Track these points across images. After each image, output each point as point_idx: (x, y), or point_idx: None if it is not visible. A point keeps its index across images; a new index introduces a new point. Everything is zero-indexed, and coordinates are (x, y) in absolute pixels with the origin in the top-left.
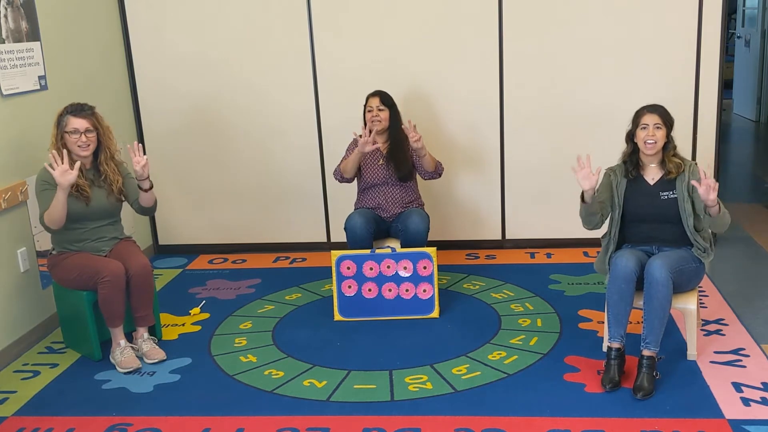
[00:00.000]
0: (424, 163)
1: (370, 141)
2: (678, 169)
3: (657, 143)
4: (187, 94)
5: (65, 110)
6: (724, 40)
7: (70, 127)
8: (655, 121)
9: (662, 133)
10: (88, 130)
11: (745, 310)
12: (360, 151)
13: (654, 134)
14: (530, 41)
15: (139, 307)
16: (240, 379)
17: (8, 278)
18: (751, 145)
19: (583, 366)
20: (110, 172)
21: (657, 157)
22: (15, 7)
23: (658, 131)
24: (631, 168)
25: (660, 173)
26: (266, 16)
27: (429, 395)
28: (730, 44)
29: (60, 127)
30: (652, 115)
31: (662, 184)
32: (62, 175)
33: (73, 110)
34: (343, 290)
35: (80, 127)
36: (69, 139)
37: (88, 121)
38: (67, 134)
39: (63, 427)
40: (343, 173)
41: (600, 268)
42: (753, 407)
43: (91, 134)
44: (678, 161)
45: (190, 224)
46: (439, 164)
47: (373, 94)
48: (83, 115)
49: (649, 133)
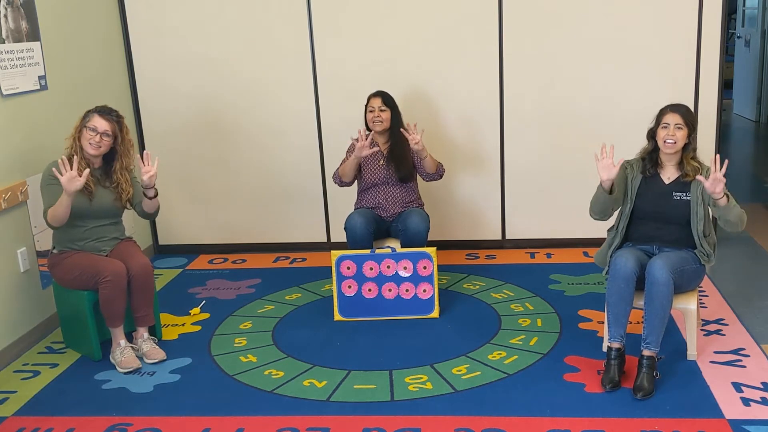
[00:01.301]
0: (425, 164)
1: (368, 145)
2: (695, 172)
3: (677, 143)
4: (187, 94)
5: (96, 108)
6: (724, 40)
7: (91, 123)
8: (677, 121)
9: (683, 134)
10: (106, 133)
11: (745, 310)
12: (357, 156)
13: (674, 134)
14: (530, 41)
15: (139, 307)
16: (240, 379)
17: (8, 278)
18: (751, 145)
19: (583, 366)
20: (123, 182)
21: (676, 157)
22: (15, 7)
23: (679, 131)
24: (649, 165)
25: (677, 174)
26: (266, 16)
27: (429, 395)
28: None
29: (83, 121)
30: (674, 114)
31: (677, 184)
32: (69, 182)
33: (101, 110)
34: (343, 290)
35: (99, 128)
36: (85, 134)
37: (109, 125)
38: (85, 129)
39: (63, 427)
40: (342, 177)
41: (600, 260)
42: (753, 407)
43: (107, 138)
44: (696, 165)
45: (190, 224)
46: (440, 166)
47: (374, 94)
48: (108, 117)
49: (669, 132)
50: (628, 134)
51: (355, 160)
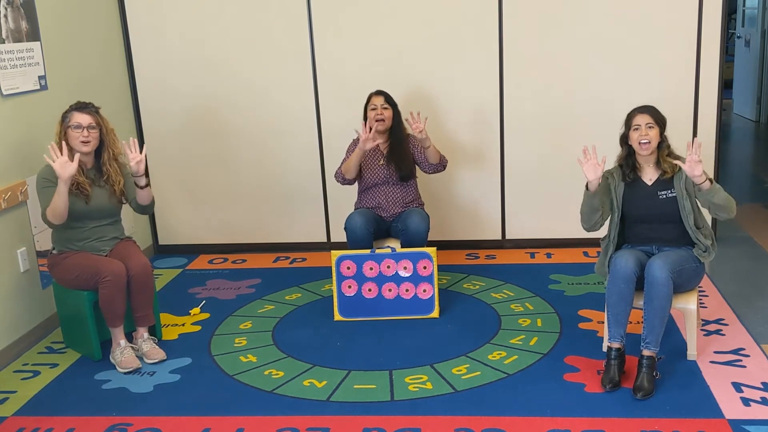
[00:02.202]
0: (428, 154)
1: (371, 137)
2: (673, 168)
3: (651, 143)
4: (187, 94)
5: (70, 107)
6: (724, 40)
7: (73, 121)
8: (647, 121)
9: (655, 132)
10: (91, 126)
11: (745, 310)
12: (361, 149)
13: (647, 134)
14: (530, 41)
15: (139, 307)
16: (240, 379)
17: (8, 278)
18: (751, 145)
19: (583, 366)
20: (113, 173)
21: (652, 157)
22: (15, 7)
23: (651, 130)
24: (627, 171)
25: (657, 173)
26: (266, 16)
27: (429, 395)
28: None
29: (64, 123)
30: (643, 115)
31: (660, 183)
32: (62, 167)
33: (77, 107)
34: (343, 290)
35: (83, 122)
36: (71, 134)
37: (91, 117)
38: (70, 129)
39: (63, 427)
40: (345, 174)
41: (600, 270)
42: (753, 407)
43: (93, 130)
44: (672, 161)
45: (190, 224)
46: (443, 157)
47: (376, 93)
48: (87, 111)
49: (642, 133)
50: None
51: (359, 153)
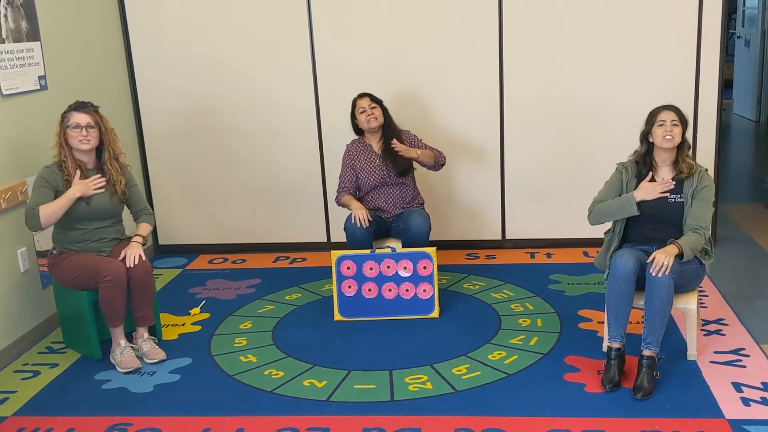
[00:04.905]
0: (422, 162)
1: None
2: (690, 169)
3: (674, 138)
4: (187, 94)
5: (69, 107)
6: (724, 40)
7: (72, 121)
8: (672, 118)
9: (679, 131)
10: (89, 125)
11: (745, 310)
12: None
13: (672, 130)
14: (530, 41)
15: (139, 307)
16: (240, 379)
17: (8, 278)
18: (751, 145)
19: (583, 366)
20: (114, 173)
21: (671, 156)
22: (15, 7)
23: (675, 128)
24: (644, 169)
25: (671, 174)
26: (266, 16)
27: (429, 395)
28: (730, 44)
29: (63, 123)
30: (668, 112)
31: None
32: (87, 188)
33: (76, 106)
34: (343, 290)
35: (82, 122)
36: (71, 134)
37: (90, 116)
38: (69, 129)
39: (63, 427)
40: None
41: (600, 263)
42: (753, 407)
43: (92, 130)
44: (690, 162)
45: (190, 224)
46: (439, 155)
47: (359, 96)
48: (85, 110)
49: (667, 129)
50: (628, 134)
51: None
